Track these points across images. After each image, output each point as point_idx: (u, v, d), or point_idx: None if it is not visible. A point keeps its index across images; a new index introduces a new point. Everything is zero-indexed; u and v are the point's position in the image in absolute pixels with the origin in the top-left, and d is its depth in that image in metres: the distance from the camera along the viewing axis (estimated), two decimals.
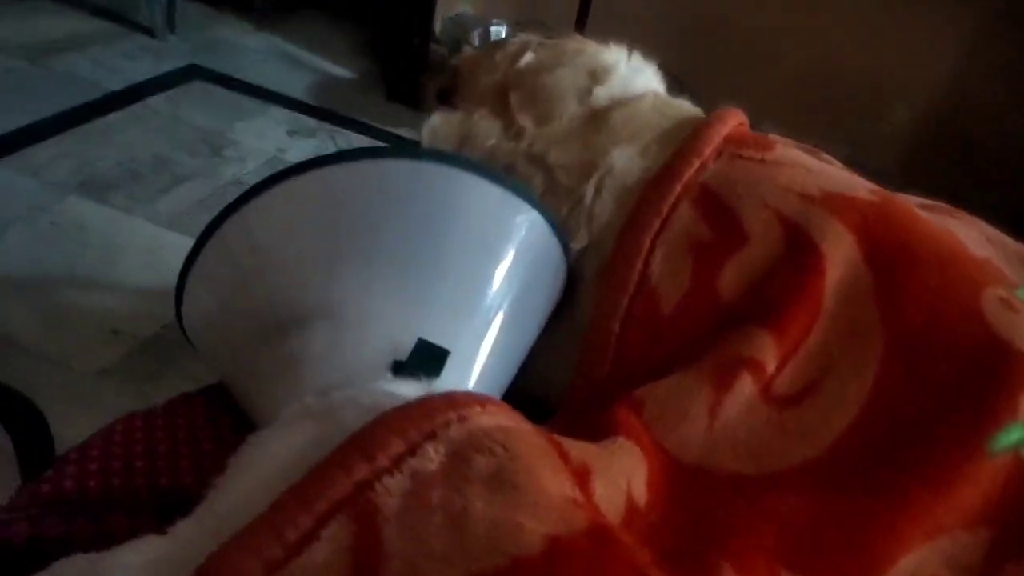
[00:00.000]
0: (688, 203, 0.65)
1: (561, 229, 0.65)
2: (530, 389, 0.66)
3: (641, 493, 0.51)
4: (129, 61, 2.34)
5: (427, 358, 0.53)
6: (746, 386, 0.57)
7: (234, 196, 0.58)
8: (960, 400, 0.56)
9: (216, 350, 0.64)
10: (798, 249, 0.61)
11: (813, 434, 0.57)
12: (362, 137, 2.29)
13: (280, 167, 0.59)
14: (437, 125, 0.78)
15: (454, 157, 0.61)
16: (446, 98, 0.92)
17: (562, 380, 0.67)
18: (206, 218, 0.60)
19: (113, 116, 2.05)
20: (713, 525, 0.51)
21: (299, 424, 0.46)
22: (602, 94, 0.76)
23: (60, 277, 1.53)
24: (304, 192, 0.59)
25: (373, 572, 0.36)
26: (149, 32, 2.48)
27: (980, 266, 0.64)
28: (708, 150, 0.67)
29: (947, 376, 0.57)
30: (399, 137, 2.33)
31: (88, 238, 1.62)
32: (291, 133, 2.22)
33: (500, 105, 0.80)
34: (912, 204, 0.70)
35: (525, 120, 0.76)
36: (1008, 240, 0.71)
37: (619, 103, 0.75)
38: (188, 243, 0.61)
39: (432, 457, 0.41)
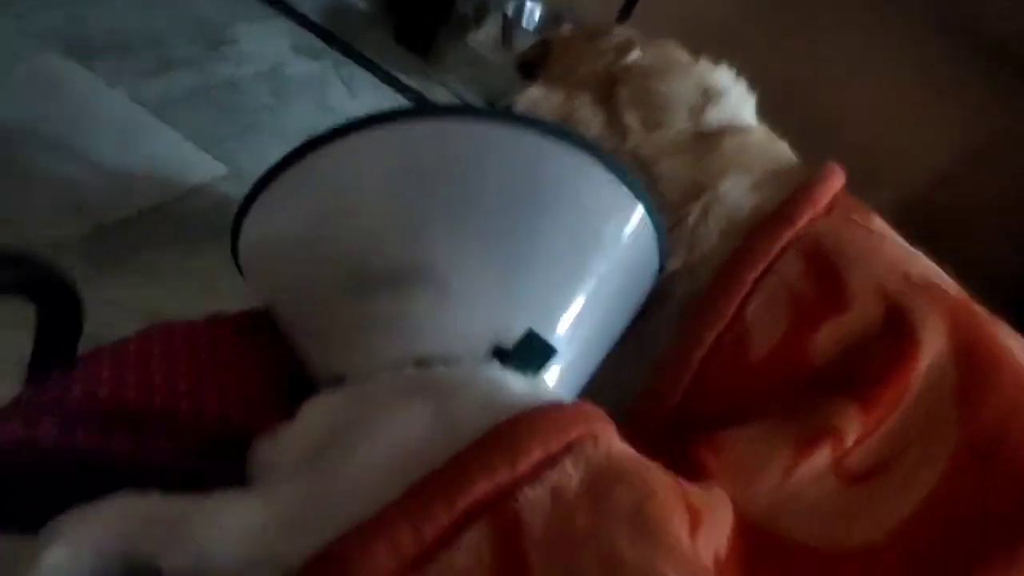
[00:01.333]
0: (796, 252, 0.63)
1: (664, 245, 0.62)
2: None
3: (724, 548, 0.49)
4: None
5: (534, 352, 0.49)
6: (825, 453, 0.56)
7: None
8: (1017, 512, 0.56)
9: (277, 285, 0.58)
10: (897, 330, 0.60)
11: (877, 515, 0.56)
12: (366, 74, 2.19)
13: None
14: (538, 99, 0.74)
15: (582, 140, 0.56)
16: (530, 70, 0.87)
17: (613, 396, 0.64)
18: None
19: None
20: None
21: (413, 401, 0.41)
22: (713, 116, 0.74)
23: (25, 133, 1.38)
24: (414, 139, 0.53)
25: None
26: None
27: None
28: (823, 203, 0.65)
29: (1011, 487, 0.57)
30: (403, 84, 2.24)
31: (63, 99, 1.48)
32: (294, 49, 2.10)
33: (604, 96, 0.76)
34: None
35: (632, 120, 0.72)
36: None
37: (731, 130, 0.73)
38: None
39: (571, 473, 0.38)
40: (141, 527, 0.33)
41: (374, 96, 2.13)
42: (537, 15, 2.12)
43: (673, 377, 0.61)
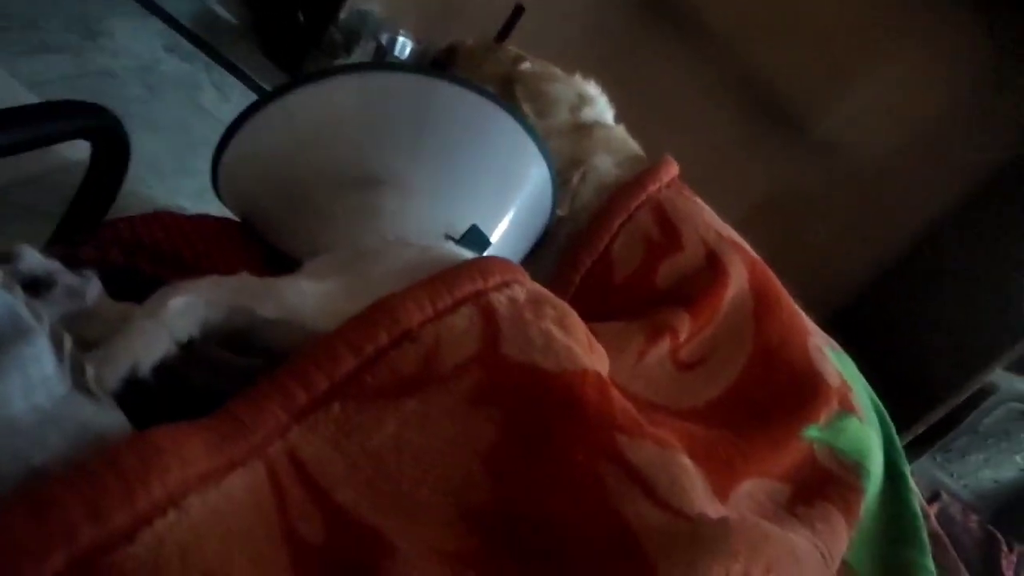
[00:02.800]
0: (647, 209, 0.86)
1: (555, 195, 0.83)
2: None
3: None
4: None
5: (476, 241, 0.67)
6: (665, 345, 0.78)
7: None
8: (790, 399, 0.80)
9: (260, 195, 0.71)
10: (714, 267, 0.84)
11: (698, 392, 0.78)
12: (236, 81, 2.27)
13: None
14: None
15: (510, 106, 0.76)
16: (438, 69, 1.07)
17: None
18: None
19: None
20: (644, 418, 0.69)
21: (403, 248, 0.57)
22: (587, 114, 0.97)
23: None
24: (384, 86, 0.70)
25: (495, 341, 0.50)
26: None
27: (805, 322, 0.91)
28: (665, 179, 0.89)
29: (785, 381, 0.82)
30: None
31: None
32: (167, 49, 2.14)
33: (504, 90, 0.96)
34: None
35: (528, 108, 0.93)
36: None
37: (599, 125, 0.96)
38: None
39: (518, 293, 0.56)
40: (239, 288, 0.47)
41: (245, 100, 2.21)
42: (408, 50, 2.31)
43: (559, 291, 0.81)
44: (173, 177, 1.68)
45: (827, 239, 2.47)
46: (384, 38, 2.26)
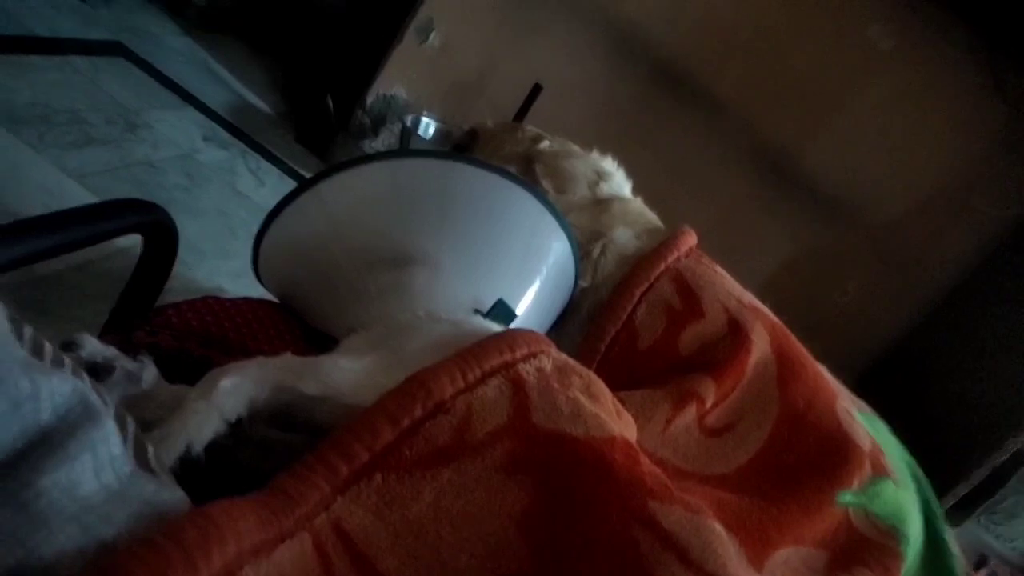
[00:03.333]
0: (668, 279, 0.88)
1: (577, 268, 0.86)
2: None
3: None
4: (56, 12, 2.29)
5: (502, 314, 0.70)
6: (691, 412, 0.79)
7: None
8: (821, 463, 0.81)
9: (297, 277, 0.75)
10: (736, 333, 0.86)
11: (726, 458, 0.79)
12: (271, 166, 2.37)
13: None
14: None
15: (529, 185, 0.80)
16: (461, 151, 1.12)
17: None
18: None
19: (35, 59, 1.99)
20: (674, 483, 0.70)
21: (434, 323, 0.60)
22: (604, 189, 1.01)
23: None
24: (410, 171, 0.75)
25: (524, 411, 0.52)
26: None
27: (832, 385, 0.92)
28: (684, 248, 0.92)
29: (815, 445, 0.82)
30: (303, 176, 2.43)
31: None
32: (205, 139, 2.25)
33: (524, 169, 1.01)
34: None
35: (547, 185, 0.98)
36: None
37: (617, 199, 1.00)
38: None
39: (545, 362, 0.58)
40: (284, 368, 0.50)
41: (280, 185, 2.31)
42: (432, 129, 2.41)
43: (585, 360, 0.83)
44: (213, 259, 1.74)
45: (855, 297, 2.47)
46: (409, 120, 2.35)
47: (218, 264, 1.75)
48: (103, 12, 2.50)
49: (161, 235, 0.59)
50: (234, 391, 0.47)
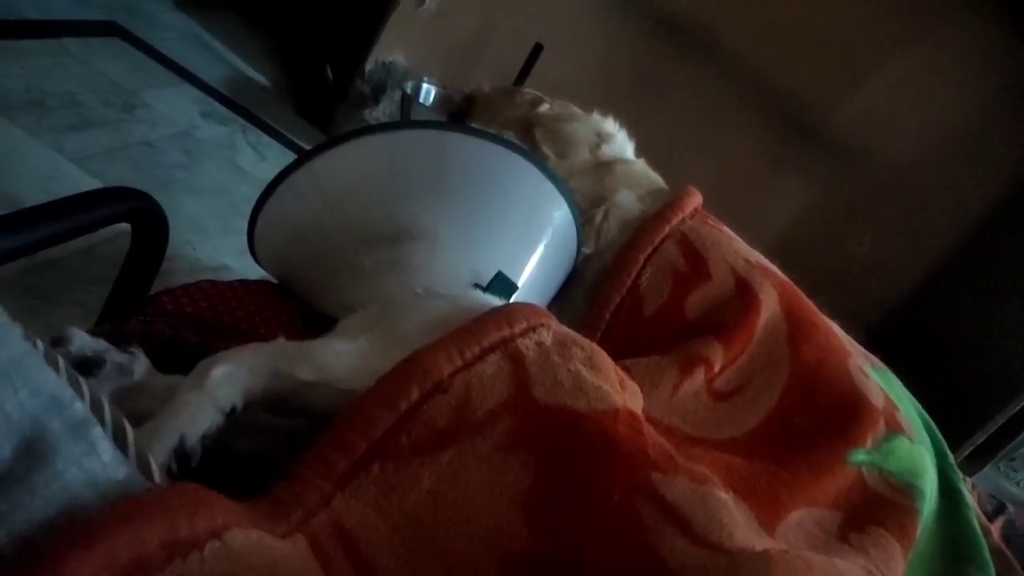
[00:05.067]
0: (672, 241, 0.86)
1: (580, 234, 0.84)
2: None
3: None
4: None
5: (502, 287, 0.68)
6: (699, 376, 0.78)
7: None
8: (834, 423, 0.79)
9: (294, 256, 0.74)
10: (744, 294, 0.84)
11: (736, 421, 0.78)
12: (272, 140, 2.35)
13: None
14: None
15: (528, 151, 0.78)
16: (458, 118, 1.10)
17: None
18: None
19: (27, 43, 1.97)
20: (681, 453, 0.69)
21: (431, 300, 0.59)
22: (606, 151, 0.98)
23: None
24: (403, 143, 0.73)
25: (524, 386, 0.51)
26: None
27: (844, 342, 0.90)
28: (689, 210, 0.90)
29: (827, 405, 0.81)
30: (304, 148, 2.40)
31: None
32: (204, 115, 2.23)
33: (523, 134, 0.99)
34: None
35: (548, 150, 0.95)
36: None
37: (619, 161, 0.97)
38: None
39: (545, 336, 0.57)
40: (277, 353, 0.49)
41: (281, 159, 2.29)
42: (432, 95, 2.37)
43: (590, 328, 0.82)
44: (217, 237, 1.74)
45: (872, 247, 2.43)
46: (409, 86, 2.32)
47: (222, 242, 1.74)
48: None
49: (150, 222, 0.58)
50: (227, 380, 0.47)
